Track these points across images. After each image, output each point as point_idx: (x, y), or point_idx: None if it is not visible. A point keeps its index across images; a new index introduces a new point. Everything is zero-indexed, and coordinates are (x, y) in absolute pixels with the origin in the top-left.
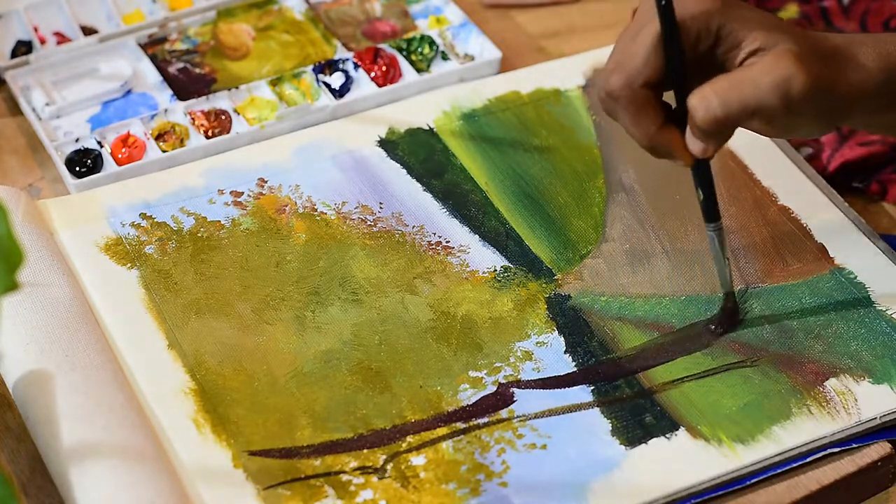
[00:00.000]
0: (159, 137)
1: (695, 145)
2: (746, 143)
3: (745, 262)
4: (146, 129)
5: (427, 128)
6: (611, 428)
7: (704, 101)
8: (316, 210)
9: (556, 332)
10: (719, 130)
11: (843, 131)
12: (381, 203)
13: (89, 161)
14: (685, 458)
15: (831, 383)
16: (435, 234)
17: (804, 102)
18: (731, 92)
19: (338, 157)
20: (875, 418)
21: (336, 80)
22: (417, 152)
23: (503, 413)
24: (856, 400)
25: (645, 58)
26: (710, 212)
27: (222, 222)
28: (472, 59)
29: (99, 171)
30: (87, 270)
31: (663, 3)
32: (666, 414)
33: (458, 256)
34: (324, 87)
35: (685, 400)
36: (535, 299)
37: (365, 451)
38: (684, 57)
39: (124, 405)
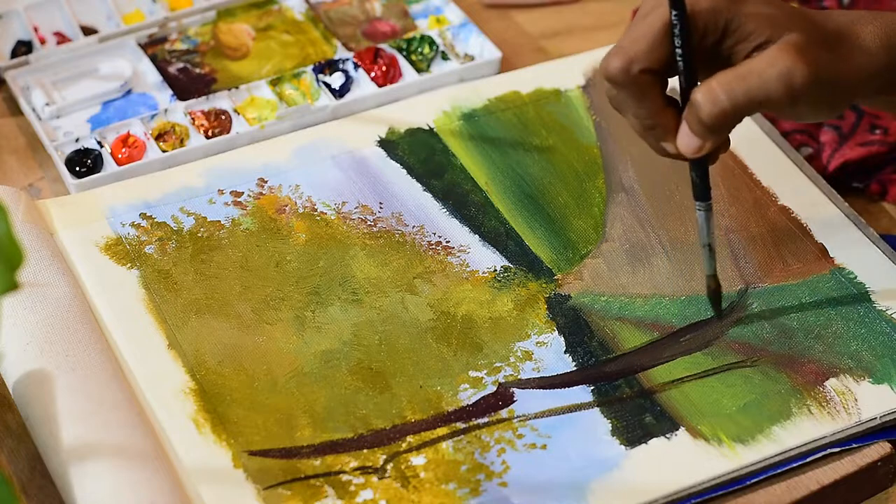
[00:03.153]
0: (159, 137)
1: (691, 141)
2: (746, 144)
3: (745, 262)
4: (146, 129)
5: (427, 128)
6: (611, 428)
7: (711, 94)
8: (316, 210)
9: (556, 332)
10: (724, 124)
11: (844, 131)
12: (381, 203)
13: (89, 161)
14: (685, 458)
15: (831, 383)
16: (435, 234)
17: (808, 92)
18: (737, 85)
19: (338, 157)
20: (875, 418)
21: (336, 80)
22: (417, 152)
23: (503, 413)
24: (856, 400)
25: (650, 44)
26: (702, 191)
27: (222, 222)
28: (472, 59)
29: (99, 171)
30: (87, 270)
31: None
32: (666, 414)
33: (458, 256)
34: (324, 87)
35: (685, 400)
36: (535, 299)
37: (365, 451)
38: (692, 48)
39: (124, 405)
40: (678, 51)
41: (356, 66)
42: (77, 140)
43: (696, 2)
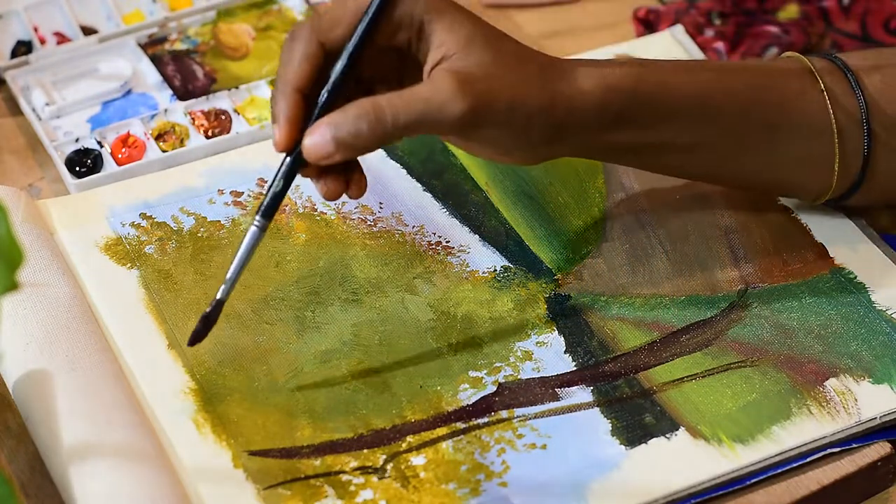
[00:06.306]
0: (159, 137)
1: (323, 144)
2: None
3: (745, 262)
4: (146, 129)
5: None
6: (611, 428)
7: (377, 109)
8: (316, 210)
9: (556, 332)
10: (375, 143)
11: None
12: (381, 203)
13: (89, 161)
14: (685, 458)
15: (831, 383)
16: (435, 234)
17: (480, 121)
18: (403, 109)
19: None
20: (875, 418)
21: None
22: (417, 152)
23: (503, 413)
24: (856, 400)
25: (346, 24)
26: (272, 208)
27: (222, 222)
28: None
29: (99, 171)
30: (87, 270)
31: None
32: (666, 414)
33: (458, 256)
34: None
35: (685, 400)
36: (535, 299)
37: (365, 451)
38: (371, 39)
39: (124, 405)
40: (360, 29)
41: None
42: (77, 140)
43: None
